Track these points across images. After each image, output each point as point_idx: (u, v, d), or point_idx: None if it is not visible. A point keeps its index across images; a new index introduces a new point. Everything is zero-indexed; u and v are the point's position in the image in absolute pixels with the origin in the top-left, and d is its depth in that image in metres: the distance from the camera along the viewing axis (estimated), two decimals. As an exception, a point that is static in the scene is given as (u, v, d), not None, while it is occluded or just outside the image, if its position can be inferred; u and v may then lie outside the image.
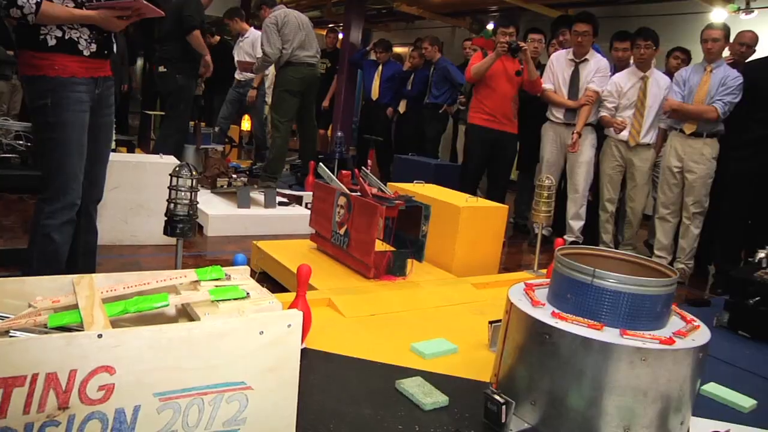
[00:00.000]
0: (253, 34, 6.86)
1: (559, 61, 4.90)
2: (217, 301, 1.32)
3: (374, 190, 3.21)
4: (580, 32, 4.70)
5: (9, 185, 4.84)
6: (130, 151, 6.16)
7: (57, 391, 1.08)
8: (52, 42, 2.20)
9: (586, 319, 1.82)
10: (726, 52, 4.43)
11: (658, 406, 1.73)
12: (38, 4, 2.09)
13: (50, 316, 1.24)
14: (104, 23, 2.26)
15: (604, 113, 4.65)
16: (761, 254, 3.08)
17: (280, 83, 5.45)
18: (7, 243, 3.61)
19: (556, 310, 1.89)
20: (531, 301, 1.95)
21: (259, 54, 6.26)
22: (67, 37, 2.22)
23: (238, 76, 7.00)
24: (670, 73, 4.84)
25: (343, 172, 3.43)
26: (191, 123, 6.17)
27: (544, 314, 1.85)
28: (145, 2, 2.25)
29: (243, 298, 1.36)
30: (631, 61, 4.79)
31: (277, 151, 5.43)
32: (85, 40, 2.27)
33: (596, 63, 4.75)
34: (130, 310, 1.28)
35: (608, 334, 1.74)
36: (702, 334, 1.83)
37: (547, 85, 4.92)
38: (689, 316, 1.93)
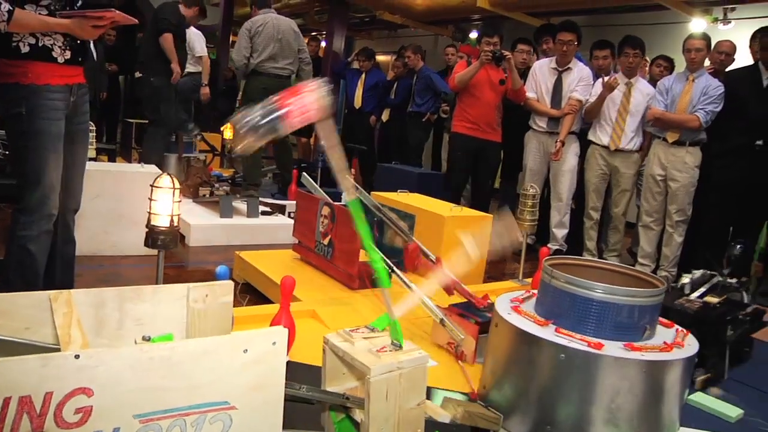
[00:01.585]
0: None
1: (542, 70, 4.91)
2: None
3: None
4: (565, 41, 4.71)
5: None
6: (112, 159, 6.09)
7: (31, 415, 1.03)
8: (25, 49, 2.15)
9: (541, 318, 1.88)
10: (706, 62, 4.47)
11: (632, 415, 1.73)
12: (10, 12, 2.04)
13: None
14: (78, 32, 2.21)
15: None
16: (685, 279, 2.88)
17: (246, 92, 5.47)
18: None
19: (522, 308, 1.96)
20: (510, 307, 1.98)
21: (196, 53, 6.21)
22: (41, 45, 2.17)
23: None
24: (653, 81, 4.87)
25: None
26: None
27: (516, 318, 1.90)
28: (118, 12, 2.21)
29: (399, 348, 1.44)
30: (612, 70, 4.83)
31: (251, 158, 5.37)
32: (60, 47, 2.22)
33: (579, 71, 4.77)
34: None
35: (547, 331, 1.79)
36: (673, 354, 1.80)
37: (530, 93, 4.92)
38: (684, 337, 1.90)
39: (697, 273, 2.47)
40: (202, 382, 1.14)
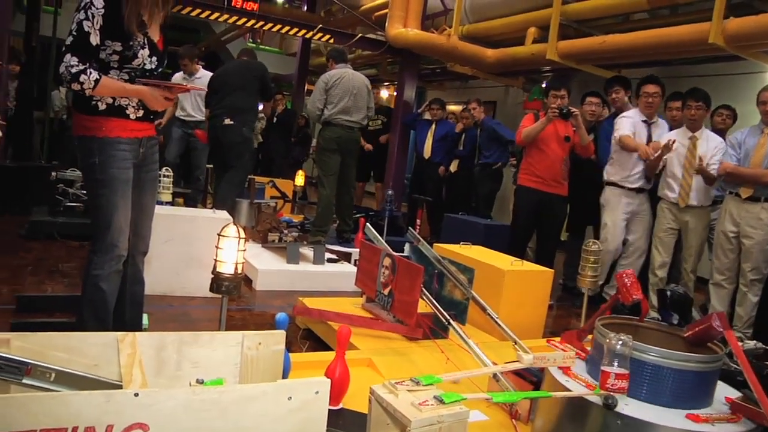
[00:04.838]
0: (205, 75, 6.18)
1: (634, 119, 4.77)
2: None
3: None
4: (651, 93, 4.65)
5: (72, 232, 5.07)
6: (187, 203, 6.34)
7: (93, 445, 1.12)
8: (102, 107, 2.39)
9: (587, 379, 1.87)
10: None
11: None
12: (97, 81, 2.29)
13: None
14: (151, 102, 2.45)
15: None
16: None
17: (320, 141, 5.67)
18: (67, 289, 3.78)
19: (574, 370, 1.94)
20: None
21: None
22: (116, 104, 2.41)
23: (183, 116, 6.49)
24: (715, 130, 4.77)
25: None
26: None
27: (558, 371, 1.93)
28: (190, 86, 2.44)
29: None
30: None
31: (323, 204, 5.54)
32: (133, 107, 2.45)
33: (663, 126, 4.76)
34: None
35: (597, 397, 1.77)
36: (743, 424, 1.74)
37: (624, 131, 4.69)
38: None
39: (750, 344, 2.28)
40: (247, 426, 1.21)
